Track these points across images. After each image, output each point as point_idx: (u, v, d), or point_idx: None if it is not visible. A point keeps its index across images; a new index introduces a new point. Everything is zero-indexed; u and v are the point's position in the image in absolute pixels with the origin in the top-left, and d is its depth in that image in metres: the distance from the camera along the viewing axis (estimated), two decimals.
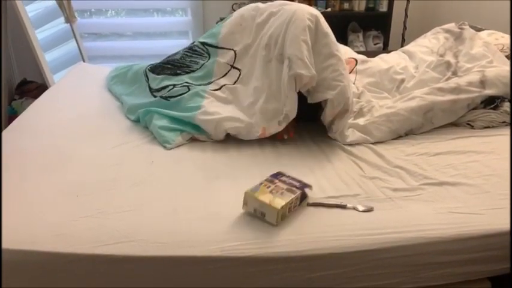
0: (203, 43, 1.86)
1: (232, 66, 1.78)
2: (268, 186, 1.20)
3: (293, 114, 1.54)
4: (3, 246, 1.06)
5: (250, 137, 1.57)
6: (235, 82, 1.74)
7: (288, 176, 1.27)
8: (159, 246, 1.08)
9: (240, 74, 1.75)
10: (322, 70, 1.54)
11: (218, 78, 1.77)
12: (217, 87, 1.73)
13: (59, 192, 1.26)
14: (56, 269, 1.07)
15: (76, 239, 1.08)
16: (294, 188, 1.21)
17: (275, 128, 1.56)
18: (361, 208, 1.21)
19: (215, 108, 1.62)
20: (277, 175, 1.27)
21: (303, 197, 1.23)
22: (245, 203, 1.17)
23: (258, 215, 1.15)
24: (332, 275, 1.11)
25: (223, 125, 1.57)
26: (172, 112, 1.64)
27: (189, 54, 1.86)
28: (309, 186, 1.25)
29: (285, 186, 1.21)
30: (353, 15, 3.29)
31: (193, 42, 1.91)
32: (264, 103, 1.59)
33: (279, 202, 1.14)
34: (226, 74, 1.78)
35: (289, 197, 1.17)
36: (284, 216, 1.15)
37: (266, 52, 1.64)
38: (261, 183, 1.21)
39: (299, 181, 1.25)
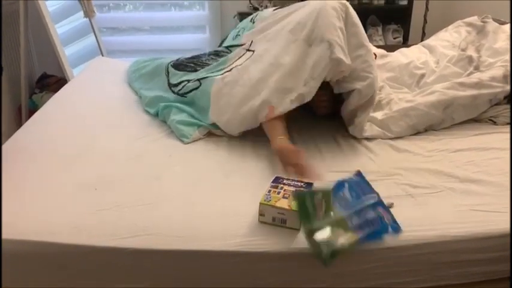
0: (227, 46, 1.87)
1: (248, 50, 1.74)
2: (278, 192, 1.14)
3: (309, 97, 1.48)
4: (22, 237, 1.07)
5: (258, 122, 1.51)
6: (247, 59, 1.67)
7: (288, 179, 1.20)
8: (176, 240, 1.08)
9: (252, 54, 1.69)
10: (352, 60, 1.50)
11: (232, 63, 1.72)
12: (227, 70, 1.67)
13: (78, 185, 1.27)
14: (74, 261, 1.09)
15: (94, 232, 1.09)
16: (302, 189, 1.16)
17: (285, 107, 1.48)
18: None
19: (217, 105, 1.59)
20: (278, 179, 1.20)
21: None
22: (261, 214, 1.11)
23: (278, 223, 1.10)
24: (351, 272, 1.10)
25: (231, 126, 1.55)
26: (191, 111, 1.65)
27: (213, 58, 1.86)
28: (312, 184, 1.19)
29: (293, 189, 1.15)
30: (372, 8, 3.23)
31: (219, 46, 1.92)
32: (280, 77, 1.50)
33: None
34: (240, 57, 1.73)
35: None
36: None
37: (291, 35, 1.57)
38: (269, 191, 1.14)
39: (301, 181, 1.19)
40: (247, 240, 1.08)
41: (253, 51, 1.70)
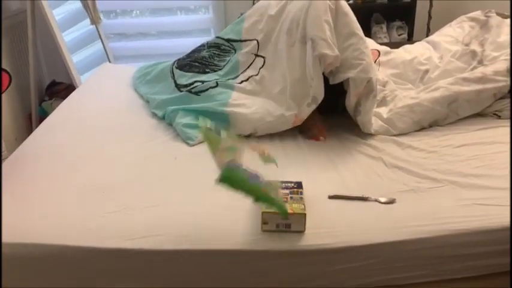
0: (228, 40, 1.89)
1: (256, 55, 1.79)
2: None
3: (321, 95, 1.53)
4: (32, 241, 1.11)
5: (284, 128, 1.58)
6: (260, 68, 1.74)
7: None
8: (185, 240, 1.11)
9: (264, 61, 1.75)
10: (343, 50, 1.53)
11: (244, 70, 1.78)
12: (244, 79, 1.74)
13: (87, 188, 1.30)
14: (84, 263, 1.11)
15: (103, 234, 1.12)
16: (294, 189, 1.18)
17: (306, 112, 1.56)
18: (383, 200, 1.21)
19: (245, 100, 1.64)
20: None
21: None
22: (265, 223, 1.10)
23: (282, 228, 1.11)
24: (353, 267, 1.11)
25: (252, 121, 1.58)
26: (202, 104, 1.66)
27: (216, 53, 1.89)
28: (301, 183, 1.21)
29: (287, 191, 1.17)
30: (376, 6, 3.23)
31: (217, 38, 1.93)
32: (291, 88, 1.59)
33: (300, 207, 1.11)
34: (251, 63, 1.78)
35: (301, 198, 1.15)
36: None
37: (288, 37, 1.64)
38: None
39: (290, 181, 1.21)
40: (253, 239, 1.10)
41: (264, 57, 1.76)
